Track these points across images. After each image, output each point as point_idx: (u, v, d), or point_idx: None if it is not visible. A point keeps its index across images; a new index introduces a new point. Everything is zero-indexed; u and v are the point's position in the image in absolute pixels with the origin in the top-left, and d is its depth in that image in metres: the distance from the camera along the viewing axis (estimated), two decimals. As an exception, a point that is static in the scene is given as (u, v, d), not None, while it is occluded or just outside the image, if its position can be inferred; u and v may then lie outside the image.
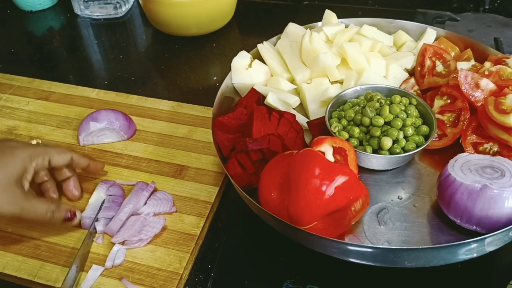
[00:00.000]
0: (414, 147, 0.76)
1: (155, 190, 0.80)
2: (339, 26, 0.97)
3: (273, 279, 0.70)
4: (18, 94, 1.01)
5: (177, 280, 0.69)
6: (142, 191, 0.77)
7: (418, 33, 0.99)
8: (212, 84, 1.05)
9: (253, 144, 0.75)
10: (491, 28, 1.13)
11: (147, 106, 0.97)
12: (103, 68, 1.12)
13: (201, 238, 0.76)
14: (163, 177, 0.82)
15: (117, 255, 0.72)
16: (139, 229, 0.73)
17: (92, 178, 0.83)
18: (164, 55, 1.14)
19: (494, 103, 0.77)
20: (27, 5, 1.29)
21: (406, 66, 0.93)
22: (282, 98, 0.87)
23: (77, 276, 0.69)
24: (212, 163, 0.85)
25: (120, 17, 1.26)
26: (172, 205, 0.78)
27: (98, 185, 0.80)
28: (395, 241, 0.69)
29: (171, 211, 0.77)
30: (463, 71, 0.81)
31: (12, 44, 1.20)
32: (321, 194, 0.64)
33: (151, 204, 0.77)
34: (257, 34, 1.16)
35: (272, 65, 0.93)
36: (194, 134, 0.91)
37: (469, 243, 0.62)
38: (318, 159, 0.66)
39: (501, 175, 0.67)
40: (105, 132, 0.88)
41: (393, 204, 0.74)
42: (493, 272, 0.71)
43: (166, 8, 1.10)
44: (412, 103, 0.81)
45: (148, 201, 0.77)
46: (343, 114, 0.81)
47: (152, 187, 0.79)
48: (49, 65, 1.13)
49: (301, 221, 0.64)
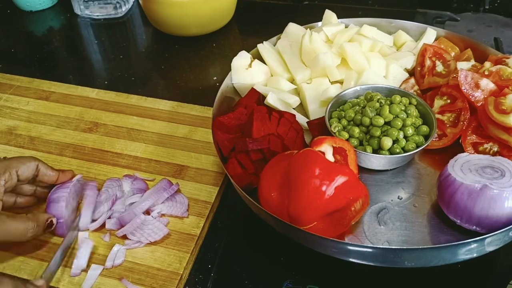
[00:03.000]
0: (414, 147, 0.76)
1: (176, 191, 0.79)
2: (339, 26, 0.97)
3: (273, 279, 0.70)
4: (18, 94, 1.01)
5: (177, 280, 0.69)
6: (164, 191, 0.77)
7: (418, 33, 0.99)
8: (212, 84, 1.05)
9: (253, 144, 0.75)
10: (491, 28, 1.13)
11: (147, 106, 0.97)
12: (103, 68, 1.12)
13: (201, 238, 0.76)
14: (163, 177, 0.82)
15: (117, 255, 0.72)
16: (140, 228, 0.73)
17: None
18: (164, 55, 1.14)
19: (494, 103, 0.77)
20: (27, 5, 1.29)
21: (406, 66, 0.93)
22: (282, 98, 0.87)
23: (59, 265, 0.69)
24: (212, 163, 0.85)
25: (120, 17, 1.26)
26: (186, 210, 0.77)
27: (122, 179, 0.81)
28: (395, 241, 0.69)
29: (183, 216, 0.77)
30: (463, 71, 0.81)
31: (12, 44, 1.20)
32: (321, 194, 0.64)
33: (166, 204, 0.76)
34: (257, 34, 1.16)
35: (272, 65, 0.93)
36: (194, 134, 0.91)
37: (469, 243, 0.62)
38: (318, 159, 0.66)
39: (501, 175, 0.67)
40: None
41: (393, 204, 0.74)
42: (493, 272, 0.71)
43: (166, 8, 1.10)
44: (412, 103, 0.81)
45: (165, 200, 0.77)
46: (343, 114, 0.81)
47: (174, 189, 0.78)
48: (49, 65, 1.13)
49: (301, 221, 0.64)
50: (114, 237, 0.74)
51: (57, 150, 0.89)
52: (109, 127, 0.93)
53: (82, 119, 0.95)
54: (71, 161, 0.86)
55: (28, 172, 0.73)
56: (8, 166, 0.70)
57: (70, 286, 0.69)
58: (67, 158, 0.87)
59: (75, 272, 0.70)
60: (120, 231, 0.73)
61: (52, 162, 0.86)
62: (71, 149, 0.89)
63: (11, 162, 0.71)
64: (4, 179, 0.69)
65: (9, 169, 0.70)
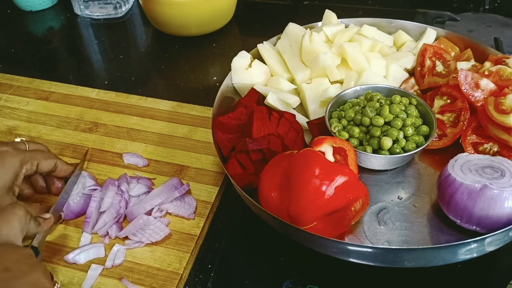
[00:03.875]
0: (414, 147, 0.76)
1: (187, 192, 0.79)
2: (339, 26, 0.97)
3: (273, 279, 0.70)
4: (18, 94, 1.01)
5: (177, 280, 0.69)
6: (175, 190, 0.77)
7: (418, 33, 0.99)
8: (212, 84, 1.05)
9: (253, 144, 0.75)
10: (491, 28, 1.13)
11: (147, 106, 0.97)
12: (103, 68, 1.12)
13: (201, 238, 0.76)
14: (163, 177, 0.82)
15: (117, 255, 0.72)
16: (142, 228, 0.73)
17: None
18: (164, 55, 1.14)
19: (494, 103, 0.77)
20: (27, 5, 1.29)
21: (406, 66, 0.93)
22: (282, 98, 0.87)
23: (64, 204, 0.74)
24: (212, 163, 0.85)
25: (120, 17, 1.26)
26: (192, 212, 0.77)
27: (130, 181, 0.81)
28: (395, 241, 0.69)
29: (189, 217, 0.76)
30: (463, 71, 0.81)
31: (12, 44, 1.20)
32: (321, 194, 0.64)
33: (174, 204, 0.76)
34: (257, 34, 1.16)
35: (272, 65, 0.93)
36: (194, 134, 0.91)
37: (469, 243, 0.62)
38: (318, 159, 0.66)
39: (501, 175, 0.67)
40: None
41: (393, 204, 0.74)
42: (493, 272, 0.72)
43: (166, 8, 1.10)
44: (412, 103, 0.81)
45: (174, 200, 0.76)
46: (343, 114, 0.81)
47: (185, 189, 0.78)
48: (49, 65, 1.13)
49: (301, 221, 0.64)
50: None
51: (57, 150, 0.89)
52: (109, 127, 0.93)
53: (82, 119, 0.95)
54: (71, 161, 0.86)
55: (47, 167, 0.75)
56: (32, 157, 0.73)
57: (70, 286, 0.69)
58: (67, 158, 0.87)
59: (69, 258, 0.71)
60: (122, 232, 0.73)
61: (52, 162, 0.86)
62: (71, 149, 0.89)
63: (36, 154, 0.74)
64: (26, 168, 0.72)
65: (32, 160, 0.73)
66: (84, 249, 0.72)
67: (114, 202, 0.76)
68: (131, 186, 0.79)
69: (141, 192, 0.79)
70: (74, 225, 0.76)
